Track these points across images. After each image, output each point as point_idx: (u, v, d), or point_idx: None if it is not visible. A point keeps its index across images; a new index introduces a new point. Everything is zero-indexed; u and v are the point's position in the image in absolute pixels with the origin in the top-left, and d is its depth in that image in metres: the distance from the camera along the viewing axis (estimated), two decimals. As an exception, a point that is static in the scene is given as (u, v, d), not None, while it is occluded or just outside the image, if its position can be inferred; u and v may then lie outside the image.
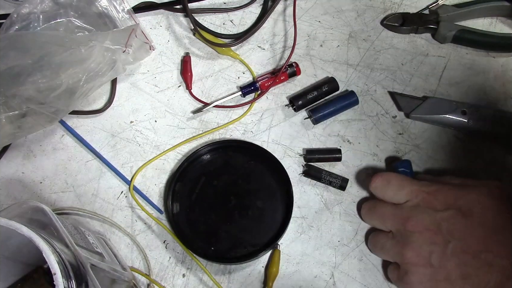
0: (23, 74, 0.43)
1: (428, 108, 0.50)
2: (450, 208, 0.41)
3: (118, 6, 0.51)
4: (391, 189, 0.44)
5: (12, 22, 0.47)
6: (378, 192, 0.45)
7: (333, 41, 0.56)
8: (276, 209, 0.48)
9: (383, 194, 0.45)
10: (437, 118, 0.50)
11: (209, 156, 0.51)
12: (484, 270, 0.38)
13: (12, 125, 0.44)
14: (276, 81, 0.53)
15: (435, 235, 0.40)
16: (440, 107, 0.50)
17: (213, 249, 0.47)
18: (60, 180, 0.50)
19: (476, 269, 0.38)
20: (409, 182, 0.44)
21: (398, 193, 0.44)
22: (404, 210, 0.43)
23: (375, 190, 0.45)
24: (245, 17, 0.57)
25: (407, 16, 0.55)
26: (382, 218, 0.44)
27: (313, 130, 0.52)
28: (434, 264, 0.40)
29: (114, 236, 0.48)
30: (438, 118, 0.50)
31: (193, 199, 0.49)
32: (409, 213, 0.42)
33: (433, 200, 0.42)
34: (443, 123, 0.50)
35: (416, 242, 0.41)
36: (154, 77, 0.54)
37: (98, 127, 0.52)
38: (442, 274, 0.39)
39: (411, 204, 0.43)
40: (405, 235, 0.41)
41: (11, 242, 0.36)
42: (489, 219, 0.40)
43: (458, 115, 0.49)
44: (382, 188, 0.45)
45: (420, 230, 0.41)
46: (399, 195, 0.44)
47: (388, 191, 0.44)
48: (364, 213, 0.47)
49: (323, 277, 0.47)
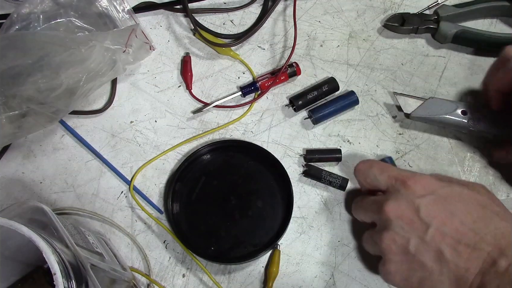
0: (23, 74, 0.43)
1: (429, 109, 0.50)
2: (431, 194, 0.39)
3: (118, 6, 0.51)
4: (372, 172, 0.42)
5: (12, 22, 0.47)
6: (360, 175, 0.44)
7: (333, 41, 0.56)
8: (276, 209, 0.48)
9: (365, 177, 0.43)
10: (438, 118, 0.49)
11: (209, 156, 0.51)
12: (464, 257, 0.36)
13: (12, 125, 0.44)
14: (276, 81, 0.53)
15: (413, 220, 0.38)
16: (440, 107, 0.50)
17: (213, 249, 0.47)
18: (60, 180, 0.50)
19: (455, 257, 0.36)
20: (391, 168, 0.43)
21: (379, 176, 0.42)
22: (383, 196, 0.41)
23: (359, 174, 0.44)
24: (245, 17, 0.57)
25: (407, 16, 0.55)
26: (365, 208, 0.43)
27: (313, 130, 0.52)
28: (411, 251, 0.38)
29: (114, 236, 0.48)
30: (438, 119, 0.49)
31: (193, 199, 0.49)
32: (388, 197, 0.40)
33: (413, 185, 0.39)
34: (443, 124, 0.50)
35: (393, 228, 0.38)
36: (154, 77, 0.54)
37: (98, 127, 0.52)
38: (419, 261, 0.38)
39: (391, 189, 0.41)
40: (383, 220, 0.39)
41: (11, 242, 0.36)
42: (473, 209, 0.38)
43: (459, 116, 0.49)
44: (364, 171, 0.43)
45: (397, 215, 0.38)
46: (380, 179, 0.42)
47: (370, 175, 0.43)
48: (353, 208, 0.46)
49: (323, 277, 0.47)
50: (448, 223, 0.37)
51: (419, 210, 0.38)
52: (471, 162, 0.51)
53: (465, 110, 0.49)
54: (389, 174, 0.42)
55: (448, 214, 0.37)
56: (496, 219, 0.37)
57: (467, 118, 0.49)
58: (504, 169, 0.51)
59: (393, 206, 0.39)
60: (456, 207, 0.38)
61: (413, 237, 0.38)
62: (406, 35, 0.56)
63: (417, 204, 0.38)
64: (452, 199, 0.38)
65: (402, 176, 0.40)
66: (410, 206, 0.38)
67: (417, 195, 0.39)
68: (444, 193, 0.39)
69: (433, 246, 0.37)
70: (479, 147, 0.51)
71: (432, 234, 0.37)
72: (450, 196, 0.39)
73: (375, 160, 0.45)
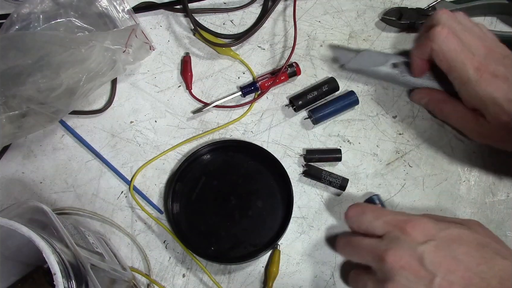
0: (23, 74, 0.43)
1: (362, 61, 0.52)
2: (431, 240, 0.38)
3: (118, 6, 0.51)
4: (366, 219, 0.41)
5: (12, 22, 0.47)
6: (353, 222, 0.42)
7: (333, 41, 0.56)
8: (276, 209, 0.48)
9: (358, 225, 0.42)
10: (370, 70, 0.51)
11: (209, 156, 0.51)
12: None
13: (12, 125, 0.44)
14: (276, 81, 0.53)
15: (418, 270, 0.37)
16: (373, 59, 0.52)
17: (213, 249, 0.47)
18: (60, 180, 0.50)
19: None
20: (385, 212, 0.41)
21: (373, 222, 0.40)
22: (383, 242, 0.39)
23: (350, 220, 0.42)
24: (245, 17, 0.57)
25: (405, 11, 0.55)
26: (360, 252, 0.41)
27: (313, 130, 0.52)
28: None
29: (114, 236, 0.48)
30: (371, 70, 0.51)
31: (193, 199, 0.49)
32: (388, 245, 0.38)
33: (412, 231, 0.38)
34: (375, 75, 0.52)
35: (399, 279, 0.37)
36: (154, 77, 0.54)
37: (98, 127, 0.52)
38: None
39: (389, 236, 0.39)
40: (386, 271, 0.38)
41: (11, 242, 0.36)
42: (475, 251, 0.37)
43: (389, 67, 0.51)
44: (357, 218, 0.42)
45: (402, 265, 0.37)
46: (375, 225, 0.40)
47: (364, 221, 0.41)
48: (340, 246, 0.43)
49: (323, 277, 0.47)
50: (454, 270, 0.36)
51: (423, 259, 0.37)
52: (471, 162, 0.51)
53: (395, 62, 0.51)
54: (384, 220, 0.40)
55: (452, 261, 0.37)
56: (498, 258, 0.37)
57: (398, 70, 0.51)
58: (504, 168, 0.51)
59: (396, 255, 0.37)
60: (459, 251, 0.37)
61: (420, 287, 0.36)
62: (403, 29, 0.56)
63: (420, 253, 0.37)
64: (453, 243, 0.38)
65: (399, 221, 0.39)
66: (413, 255, 0.37)
67: (419, 242, 0.37)
68: (444, 237, 0.38)
69: None
70: (480, 147, 0.51)
71: (439, 284, 0.36)
72: (451, 239, 0.38)
73: (366, 205, 0.44)
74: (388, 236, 0.39)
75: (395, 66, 0.51)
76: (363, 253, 0.40)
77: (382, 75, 0.52)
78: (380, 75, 0.52)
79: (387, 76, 0.51)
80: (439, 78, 0.50)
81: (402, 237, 0.38)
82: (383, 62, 0.51)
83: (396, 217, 0.40)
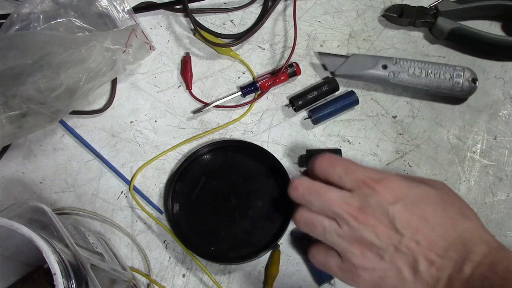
0: (23, 74, 0.43)
1: (352, 65, 0.52)
2: (402, 199, 0.37)
3: (118, 6, 0.51)
4: (336, 172, 0.39)
5: (12, 22, 0.47)
6: (320, 172, 0.40)
7: (333, 41, 0.56)
8: (276, 209, 0.48)
9: (325, 175, 0.40)
10: (360, 74, 0.52)
11: (209, 156, 0.51)
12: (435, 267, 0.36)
13: (12, 125, 0.44)
14: (276, 81, 0.53)
15: (389, 230, 0.37)
16: (362, 63, 0.52)
17: (213, 249, 0.47)
18: (60, 180, 0.50)
19: (428, 267, 0.36)
20: (356, 167, 0.39)
21: (343, 177, 0.39)
22: (353, 199, 0.38)
23: (317, 169, 0.40)
24: (245, 17, 0.57)
25: (406, 8, 0.55)
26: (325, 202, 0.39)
27: (313, 130, 0.52)
28: (387, 261, 0.37)
29: (114, 236, 0.48)
30: (361, 74, 0.52)
31: (193, 199, 0.49)
32: (359, 203, 0.37)
33: (383, 190, 0.37)
34: (366, 79, 0.52)
35: (369, 238, 0.37)
36: (154, 77, 0.54)
37: (98, 127, 0.52)
38: (393, 271, 0.36)
39: (360, 193, 0.38)
40: (356, 228, 0.37)
41: (11, 242, 0.36)
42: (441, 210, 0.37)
43: (380, 70, 0.51)
44: (326, 169, 0.40)
45: (373, 224, 0.37)
46: (345, 179, 0.39)
47: (333, 174, 0.39)
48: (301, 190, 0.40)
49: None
50: (421, 230, 0.37)
51: (394, 219, 0.37)
52: (471, 162, 0.51)
53: (385, 64, 0.51)
54: (355, 176, 0.39)
55: (419, 220, 0.37)
56: (463, 219, 0.37)
57: (387, 71, 0.51)
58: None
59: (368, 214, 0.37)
60: (427, 211, 0.37)
61: (390, 247, 0.37)
62: (403, 27, 0.56)
63: (391, 213, 0.37)
64: (421, 203, 0.38)
65: (371, 180, 0.38)
66: (384, 215, 0.37)
67: (390, 202, 0.37)
68: (413, 196, 0.38)
69: (408, 256, 0.36)
70: (479, 147, 0.51)
71: (406, 244, 0.36)
72: (420, 199, 0.38)
73: (337, 157, 0.41)
74: (359, 193, 0.38)
75: (385, 67, 0.51)
76: (329, 203, 0.38)
77: (373, 78, 0.52)
78: (371, 78, 0.52)
79: (379, 78, 0.52)
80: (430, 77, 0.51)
81: (374, 196, 0.37)
82: (373, 65, 0.51)
83: (367, 175, 0.39)
